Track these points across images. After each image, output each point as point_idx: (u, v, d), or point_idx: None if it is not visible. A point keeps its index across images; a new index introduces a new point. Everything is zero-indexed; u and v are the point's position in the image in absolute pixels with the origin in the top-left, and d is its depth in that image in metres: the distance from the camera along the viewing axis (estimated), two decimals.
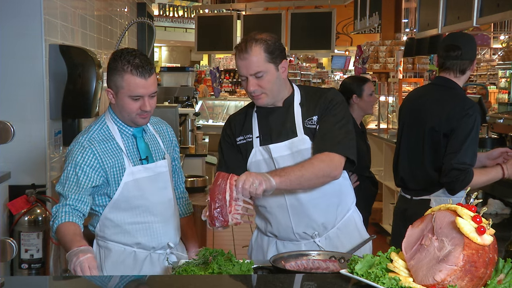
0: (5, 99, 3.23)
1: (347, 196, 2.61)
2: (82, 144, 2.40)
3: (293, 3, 9.87)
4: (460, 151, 2.97)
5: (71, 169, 2.37)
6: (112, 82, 2.39)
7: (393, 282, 1.70)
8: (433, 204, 3.11)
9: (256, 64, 2.37)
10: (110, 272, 2.46)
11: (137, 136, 2.49)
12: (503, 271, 1.75)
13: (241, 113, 2.62)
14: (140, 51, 2.43)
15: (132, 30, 6.79)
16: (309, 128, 2.44)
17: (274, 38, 2.43)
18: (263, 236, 2.64)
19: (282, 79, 2.46)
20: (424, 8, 4.91)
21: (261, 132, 2.50)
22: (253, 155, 2.50)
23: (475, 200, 1.78)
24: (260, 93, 2.41)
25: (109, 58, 2.42)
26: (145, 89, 2.36)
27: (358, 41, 15.11)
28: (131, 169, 2.42)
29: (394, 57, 11.11)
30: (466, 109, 3.02)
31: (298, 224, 2.49)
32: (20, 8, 3.23)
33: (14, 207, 3.15)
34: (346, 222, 2.58)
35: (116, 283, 2.11)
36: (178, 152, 2.75)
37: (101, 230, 2.48)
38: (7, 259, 2.99)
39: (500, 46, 14.99)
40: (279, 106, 2.49)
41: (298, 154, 2.43)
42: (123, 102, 2.38)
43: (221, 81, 14.50)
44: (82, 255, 2.10)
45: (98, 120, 2.50)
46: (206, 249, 2.17)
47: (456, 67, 3.13)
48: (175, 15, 20.82)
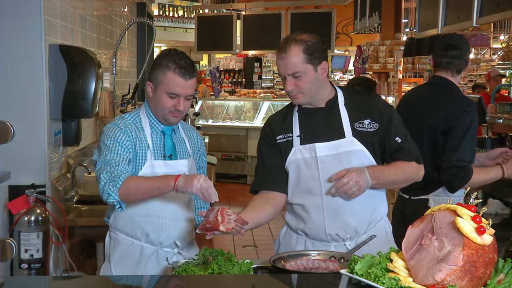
0: (5, 99, 3.23)
1: (381, 205, 2.61)
2: (120, 126, 2.51)
3: (293, 3, 9.88)
4: (459, 149, 2.99)
5: (111, 143, 2.45)
6: (154, 76, 2.50)
7: (393, 282, 1.70)
8: (432, 203, 3.13)
9: (294, 65, 2.40)
10: (117, 265, 2.53)
11: (165, 133, 2.56)
12: (503, 271, 1.75)
13: (282, 112, 2.65)
14: (187, 55, 2.52)
15: (132, 30, 6.79)
16: (359, 130, 2.47)
17: (315, 39, 2.45)
18: (292, 233, 2.62)
19: (321, 80, 2.48)
20: (424, 8, 4.91)
21: (302, 131, 2.51)
22: (292, 154, 2.51)
23: (475, 200, 1.78)
24: (298, 92, 2.45)
25: (157, 55, 2.53)
26: (183, 89, 2.45)
27: (358, 41, 15.11)
28: (151, 162, 2.49)
29: (394, 57, 11.12)
30: (463, 107, 3.04)
31: (331, 225, 2.48)
32: (20, 8, 3.23)
33: (14, 207, 3.14)
34: (377, 229, 2.57)
35: (116, 283, 2.11)
36: (205, 162, 2.80)
37: (114, 221, 2.56)
38: (7, 259, 2.99)
39: (500, 46, 14.99)
40: (322, 107, 2.52)
41: (344, 155, 2.45)
42: (160, 97, 2.48)
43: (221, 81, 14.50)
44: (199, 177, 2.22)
45: (133, 112, 2.62)
46: (206, 249, 2.17)
47: (453, 67, 3.18)
48: (175, 15, 20.81)
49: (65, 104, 3.46)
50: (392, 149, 2.50)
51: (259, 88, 15.54)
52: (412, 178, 2.57)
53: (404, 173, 2.51)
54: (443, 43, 3.23)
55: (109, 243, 2.59)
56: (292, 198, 2.54)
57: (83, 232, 3.62)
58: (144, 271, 2.49)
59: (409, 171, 2.53)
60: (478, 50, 16.67)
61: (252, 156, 9.76)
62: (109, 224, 2.60)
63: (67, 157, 3.79)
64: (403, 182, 2.59)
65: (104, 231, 2.60)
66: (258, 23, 9.76)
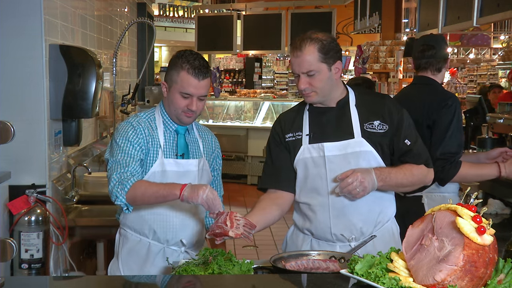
0: (5, 99, 3.23)
1: (389, 206, 2.60)
2: (132, 124, 2.54)
3: (293, 3, 9.88)
4: (443, 141, 3.05)
5: (122, 143, 2.48)
6: (169, 76, 2.53)
7: (393, 282, 1.70)
8: (425, 200, 3.18)
9: (309, 63, 2.40)
10: (125, 261, 2.57)
11: (179, 133, 2.59)
12: (503, 271, 1.75)
13: (292, 111, 2.65)
14: (202, 56, 2.54)
15: (132, 30, 6.79)
16: (369, 131, 2.46)
17: (330, 38, 2.46)
18: (299, 233, 2.62)
19: (335, 80, 2.48)
20: (424, 8, 4.91)
21: (312, 130, 2.51)
22: (301, 153, 2.51)
23: (475, 200, 1.78)
24: (311, 91, 2.45)
25: (173, 55, 2.56)
26: (196, 89, 2.48)
27: (358, 41, 15.10)
28: (162, 160, 2.51)
29: (394, 57, 11.12)
30: (445, 100, 3.11)
31: (337, 225, 2.48)
32: (20, 8, 3.23)
33: (14, 207, 3.15)
34: (383, 231, 2.56)
35: (116, 283, 2.11)
36: (220, 165, 2.81)
37: (124, 218, 2.60)
38: (7, 259, 2.99)
39: (500, 46, 14.99)
40: (333, 107, 2.52)
41: (352, 156, 2.45)
42: (173, 97, 2.51)
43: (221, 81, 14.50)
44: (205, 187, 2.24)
45: (148, 110, 2.64)
46: (206, 249, 2.17)
47: (432, 66, 3.27)
48: (175, 15, 20.79)
49: (65, 104, 3.46)
50: (401, 151, 2.50)
51: (260, 88, 15.52)
52: (421, 181, 2.56)
53: (412, 176, 2.49)
54: (419, 45, 3.33)
55: (119, 239, 2.64)
56: (300, 196, 2.54)
57: (83, 232, 3.62)
58: (151, 268, 2.52)
59: (417, 174, 2.51)
60: (478, 50, 16.66)
61: (253, 156, 9.76)
62: (119, 220, 2.64)
63: (68, 157, 3.80)
64: (410, 185, 2.55)
65: (104, 231, 2.62)
66: (259, 23, 9.76)
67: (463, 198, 1.86)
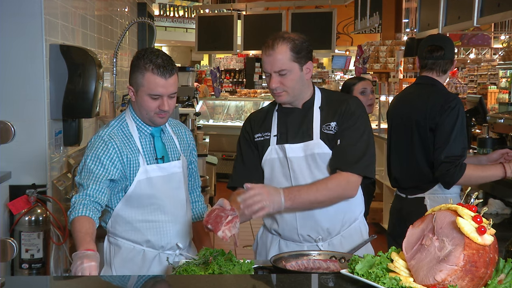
0: (5, 99, 3.23)
1: (356, 206, 2.59)
2: (103, 138, 2.43)
3: (294, 3, 9.86)
4: (448, 144, 3.02)
5: (90, 161, 2.39)
6: (134, 79, 2.42)
7: (394, 282, 1.70)
8: (427, 201, 3.17)
9: (281, 62, 2.39)
10: (119, 269, 2.48)
11: (155, 136, 2.51)
12: (503, 271, 1.75)
13: (262, 111, 2.65)
14: (164, 52, 2.45)
15: (133, 30, 6.78)
16: (326, 133, 2.45)
17: (302, 38, 2.45)
18: (268, 234, 2.64)
19: (305, 80, 2.48)
20: (424, 8, 4.91)
21: (279, 131, 2.52)
22: (268, 153, 2.52)
23: (476, 200, 1.78)
24: (282, 90, 2.44)
25: (133, 57, 2.44)
26: (164, 88, 2.38)
27: (359, 41, 15.10)
28: (145, 167, 2.44)
29: (395, 57, 11.11)
30: (448, 102, 3.08)
31: (303, 226, 2.49)
32: (21, 7, 3.23)
33: (14, 207, 3.15)
34: (351, 231, 2.56)
35: (116, 283, 2.11)
36: (196, 156, 2.77)
37: (112, 227, 2.50)
38: (8, 259, 2.99)
39: (501, 46, 14.98)
40: (298, 108, 2.51)
41: (311, 157, 2.44)
42: (142, 100, 2.41)
43: (222, 81, 14.51)
44: (87, 261, 2.04)
45: (118, 117, 2.54)
46: (206, 249, 2.17)
47: (439, 67, 3.23)
48: (175, 15, 20.80)
49: (65, 104, 3.46)
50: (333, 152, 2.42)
51: (260, 88, 15.53)
52: (340, 194, 2.39)
53: (327, 190, 2.34)
54: (427, 45, 3.27)
55: (108, 248, 2.53)
56: None
57: None
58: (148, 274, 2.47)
59: (333, 187, 2.35)
60: (478, 50, 16.66)
61: None
62: (106, 229, 2.54)
63: (68, 157, 3.80)
64: (328, 200, 2.38)
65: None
66: (259, 23, 9.74)
67: (464, 198, 1.86)
